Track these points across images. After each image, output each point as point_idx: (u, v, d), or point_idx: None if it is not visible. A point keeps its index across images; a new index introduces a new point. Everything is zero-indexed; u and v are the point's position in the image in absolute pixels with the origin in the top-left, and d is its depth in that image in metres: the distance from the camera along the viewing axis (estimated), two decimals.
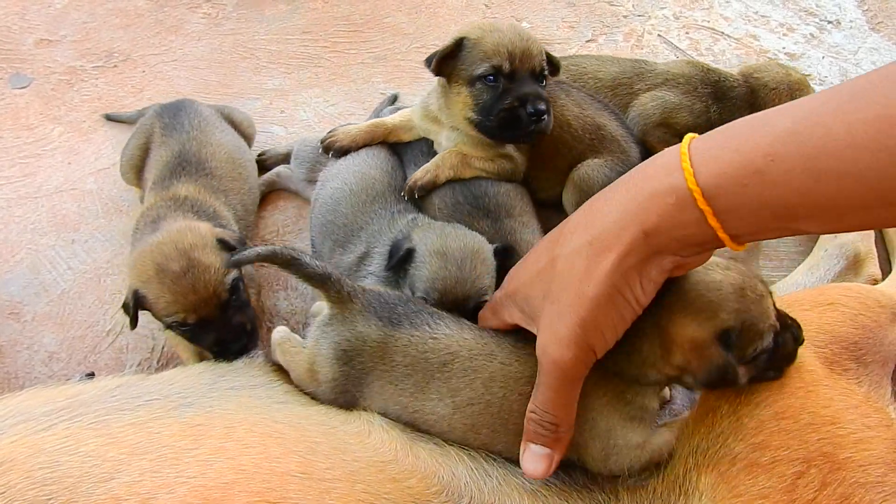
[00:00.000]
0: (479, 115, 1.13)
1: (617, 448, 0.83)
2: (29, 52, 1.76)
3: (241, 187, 1.33)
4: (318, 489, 0.74)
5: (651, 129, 1.35)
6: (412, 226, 1.14)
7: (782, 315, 0.85)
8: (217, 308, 1.06)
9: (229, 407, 0.89)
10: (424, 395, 0.89)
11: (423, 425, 0.90)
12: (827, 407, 0.80)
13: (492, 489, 0.84)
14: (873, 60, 1.70)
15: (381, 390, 0.91)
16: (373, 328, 0.92)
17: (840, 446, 0.77)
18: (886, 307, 1.01)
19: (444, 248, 1.05)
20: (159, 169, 1.27)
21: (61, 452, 0.73)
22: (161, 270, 1.03)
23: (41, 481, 0.69)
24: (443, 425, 0.89)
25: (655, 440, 0.84)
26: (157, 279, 1.04)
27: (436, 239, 1.06)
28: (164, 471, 0.71)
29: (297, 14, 1.83)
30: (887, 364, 0.95)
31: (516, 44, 1.10)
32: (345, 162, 1.28)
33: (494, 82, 1.10)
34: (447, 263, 1.03)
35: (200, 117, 1.34)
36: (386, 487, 0.79)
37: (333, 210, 1.22)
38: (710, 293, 0.80)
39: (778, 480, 0.74)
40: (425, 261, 1.04)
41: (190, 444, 0.76)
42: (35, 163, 1.55)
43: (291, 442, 0.80)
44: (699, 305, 0.79)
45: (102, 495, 0.67)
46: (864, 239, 1.30)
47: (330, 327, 0.94)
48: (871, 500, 0.73)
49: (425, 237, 1.07)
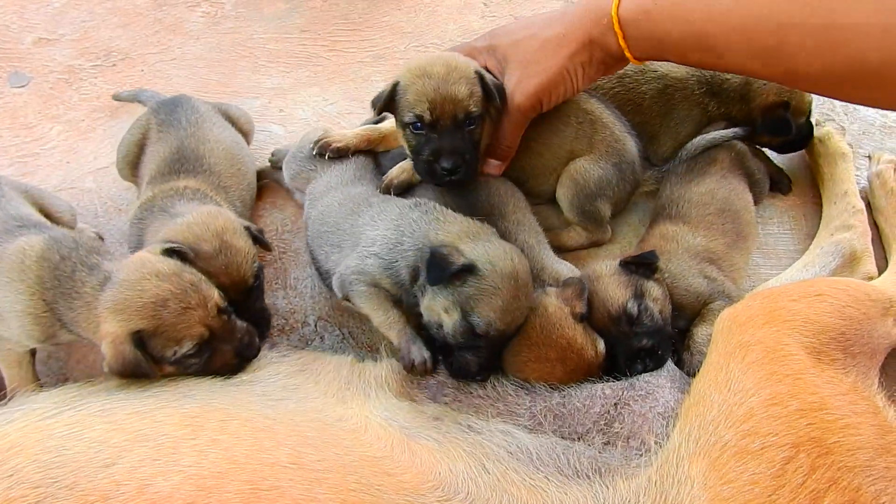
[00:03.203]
0: (413, 157, 1.18)
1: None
2: (27, 50, 1.76)
3: (240, 184, 1.33)
4: (308, 479, 0.75)
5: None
6: (432, 218, 1.08)
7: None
8: (243, 292, 1.08)
9: (227, 401, 0.91)
10: None
11: None
12: (814, 394, 0.81)
13: (489, 485, 0.84)
14: None
15: None
16: None
17: (828, 431, 0.78)
18: (877, 301, 1.02)
19: (514, 272, 0.97)
20: (157, 164, 1.28)
21: (68, 438, 0.75)
22: (193, 250, 1.04)
23: (47, 465, 0.71)
24: None
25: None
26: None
27: (504, 258, 0.99)
28: (162, 458, 0.73)
29: (296, 13, 1.84)
30: (875, 356, 0.97)
31: (440, 91, 1.10)
32: (330, 179, 1.29)
33: (419, 130, 1.13)
34: (518, 293, 0.98)
35: (198, 114, 1.35)
36: (379, 481, 0.80)
37: (324, 222, 1.22)
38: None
39: (767, 466, 0.76)
40: (497, 286, 0.96)
41: (188, 434, 0.78)
42: (33, 162, 1.56)
43: (283, 435, 0.82)
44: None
45: (104, 479, 0.69)
46: (861, 237, 1.31)
47: None
48: (858, 483, 0.74)
49: (487, 252, 0.99)
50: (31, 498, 0.68)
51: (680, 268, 1.20)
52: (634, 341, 1.07)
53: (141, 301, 0.94)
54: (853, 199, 1.35)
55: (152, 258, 0.99)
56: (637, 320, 1.08)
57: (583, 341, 1.05)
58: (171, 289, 0.95)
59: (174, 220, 1.11)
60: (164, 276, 0.96)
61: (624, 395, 0.98)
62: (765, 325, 0.92)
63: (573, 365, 1.04)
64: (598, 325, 1.09)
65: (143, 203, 1.21)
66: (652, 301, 1.11)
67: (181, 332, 0.95)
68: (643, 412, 0.95)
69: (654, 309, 1.10)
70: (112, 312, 0.94)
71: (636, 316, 1.09)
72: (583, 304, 1.07)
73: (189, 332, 0.95)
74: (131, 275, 0.96)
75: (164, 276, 0.96)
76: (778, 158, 1.50)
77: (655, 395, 0.95)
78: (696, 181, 1.32)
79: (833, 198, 1.38)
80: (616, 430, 0.94)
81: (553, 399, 1.00)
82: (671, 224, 1.28)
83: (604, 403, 0.97)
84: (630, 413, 0.95)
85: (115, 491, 0.69)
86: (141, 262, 0.98)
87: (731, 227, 1.27)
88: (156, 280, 0.95)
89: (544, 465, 0.88)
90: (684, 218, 1.28)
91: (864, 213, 1.35)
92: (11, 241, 1.03)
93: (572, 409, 0.98)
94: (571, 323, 1.05)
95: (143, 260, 0.99)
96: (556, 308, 1.05)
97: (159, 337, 0.94)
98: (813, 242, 1.36)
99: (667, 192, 1.35)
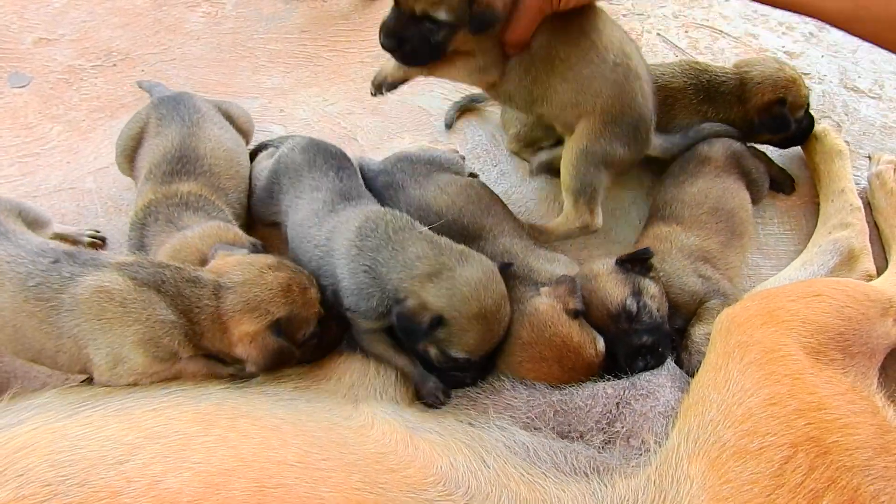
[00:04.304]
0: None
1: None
2: (28, 51, 1.76)
3: (239, 186, 1.33)
4: (313, 477, 0.76)
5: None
6: (389, 249, 1.03)
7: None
8: None
9: (240, 401, 0.92)
10: None
11: None
12: (813, 394, 0.81)
13: (489, 479, 0.85)
14: (872, 59, 1.72)
15: None
16: None
17: (827, 431, 0.78)
18: (876, 301, 1.03)
19: (482, 310, 0.97)
20: (154, 159, 1.27)
21: (82, 437, 0.76)
22: (204, 262, 1.07)
23: (59, 463, 0.72)
24: None
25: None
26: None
27: (469, 299, 0.97)
28: (172, 455, 0.74)
29: (295, 13, 1.85)
30: (875, 356, 0.97)
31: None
32: (300, 192, 1.24)
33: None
34: (490, 325, 0.99)
35: (199, 113, 1.34)
36: (383, 478, 0.80)
37: (305, 230, 1.20)
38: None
39: (766, 465, 0.76)
40: (465, 328, 0.97)
41: (199, 432, 0.79)
42: (34, 162, 1.56)
43: (290, 434, 0.83)
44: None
45: (115, 477, 0.70)
46: (859, 235, 1.31)
47: None
48: (857, 483, 0.74)
49: (452, 296, 0.97)
50: (40, 495, 0.69)
51: (674, 267, 1.20)
52: (634, 338, 1.06)
53: (270, 293, 0.99)
54: (851, 196, 1.35)
55: (251, 256, 1.05)
56: (636, 317, 1.08)
57: (580, 339, 1.04)
58: (287, 276, 1.01)
59: (181, 231, 1.13)
60: (276, 267, 1.02)
61: (626, 395, 0.98)
62: (763, 326, 0.92)
63: (571, 363, 1.03)
64: (597, 324, 1.09)
65: (145, 206, 1.21)
66: (650, 298, 1.11)
67: (309, 312, 1.03)
68: (644, 411, 0.95)
69: (652, 306, 1.11)
70: (244, 313, 0.97)
71: (635, 313, 1.08)
72: (576, 301, 1.06)
73: (313, 311, 1.03)
74: (247, 274, 1.00)
75: (275, 267, 1.02)
76: (779, 159, 1.50)
77: (657, 394, 0.96)
78: (689, 181, 1.32)
79: (830, 196, 1.38)
80: (617, 430, 0.95)
81: (553, 396, 1.00)
82: (664, 225, 1.28)
83: (606, 403, 0.98)
84: (631, 412, 0.96)
85: (126, 488, 0.70)
86: (247, 262, 1.03)
87: (725, 225, 1.27)
88: (272, 272, 1.01)
89: (541, 461, 0.89)
90: (677, 218, 1.28)
91: (861, 210, 1.35)
92: (66, 281, 0.98)
93: (574, 407, 0.99)
94: (565, 320, 1.04)
95: (246, 261, 1.03)
96: (548, 306, 1.05)
97: (293, 321, 1.00)
98: (811, 241, 1.37)
99: (661, 194, 1.35)
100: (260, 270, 1.00)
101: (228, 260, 1.03)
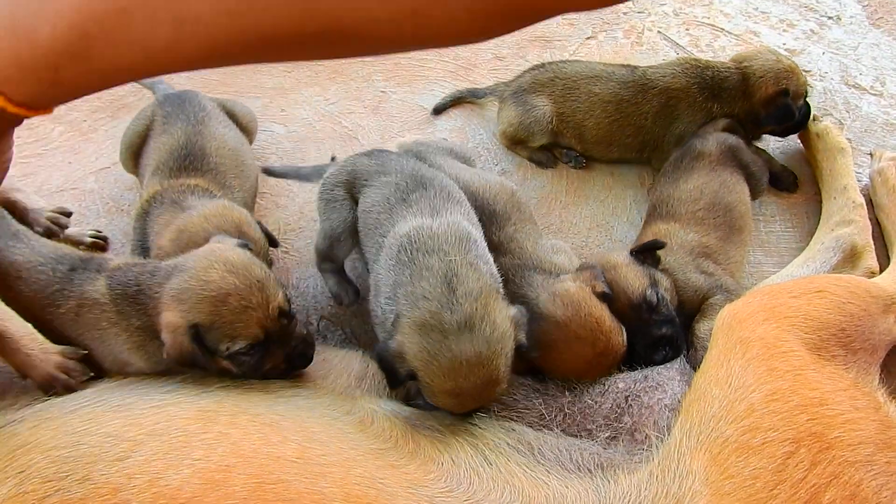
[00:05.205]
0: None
1: None
2: None
3: (243, 183, 1.33)
4: (312, 473, 0.76)
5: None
6: (406, 312, 0.92)
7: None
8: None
9: (240, 398, 0.92)
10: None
11: None
12: (815, 390, 0.81)
13: (491, 476, 0.85)
14: (873, 56, 1.72)
15: None
16: None
17: (829, 426, 0.78)
18: (878, 297, 1.03)
19: (456, 389, 0.89)
20: (160, 156, 1.27)
21: (83, 433, 0.77)
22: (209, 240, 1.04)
23: (61, 460, 0.72)
24: None
25: None
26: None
27: (446, 375, 0.88)
28: (173, 452, 0.74)
29: None
30: (876, 352, 0.97)
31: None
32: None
33: None
34: (464, 402, 0.92)
35: (204, 111, 1.34)
36: (383, 473, 0.80)
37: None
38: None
39: (768, 461, 0.76)
40: (437, 396, 0.92)
41: (200, 428, 0.79)
42: (36, 162, 1.56)
43: (290, 431, 0.83)
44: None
45: (116, 474, 0.71)
46: (861, 232, 1.31)
47: None
48: (860, 478, 0.74)
49: (430, 362, 0.89)
50: (41, 492, 0.69)
51: (676, 263, 1.20)
52: (654, 329, 1.06)
53: (203, 293, 0.91)
54: (853, 193, 1.35)
55: (226, 248, 0.97)
56: (656, 308, 1.08)
57: (611, 323, 1.02)
58: (235, 283, 0.92)
59: (187, 211, 1.11)
60: (234, 267, 0.93)
61: (636, 388, 0.98)
62: (765, 322, 0.92)
63: (602, 347, 1.01)
64: (617, 314, 1.07)
65: (150, 196, 1.20)
66: (665, 290, 1.12)
67: (237, 331, 0.92)
68: (651, 404, 0.95)
69: (667, 298, 1.11)
70: (175, 301, 0.92)
71: (655, 304, 1.08)
72: (602, 285, 1.05)
73: (244, 332, 0.92)
74: (200, 262, 0.94)
75: (233, 267, 0.93)
76: (780, 156, 1.50)
77: (665, 387, 0.96)
78: (685, 178, 1.33)
79: (833, 193, 1.38)
80: (624, 423, 0.95)
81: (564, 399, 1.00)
82: (662, 223, 1.28)
83: (616, 398, 0.97)
84: (639, 405, 0.96)
85: (127, 484, 0.70)
86: (212, 250, 0.96)
87: (723, 220, 1.27)
88: (223, 271, 0.92)
89: (546, 459, 0.89)
90: (675, 215, 1.28)
91: (864, 207, 1.35)
92: (76, 286, 0.99)
93: (583, 406, 0.98)
94: (597, 302, 1.03)
95: (209, 250, 0.96)
96: (578, 288, 1.03)
97: (215, 331, 0.92)
98: (813, 238, 1.37)
99: (657, 192, 1.35)
100: (210, 265, 0.93)
101: (204, 246, 0.99)
